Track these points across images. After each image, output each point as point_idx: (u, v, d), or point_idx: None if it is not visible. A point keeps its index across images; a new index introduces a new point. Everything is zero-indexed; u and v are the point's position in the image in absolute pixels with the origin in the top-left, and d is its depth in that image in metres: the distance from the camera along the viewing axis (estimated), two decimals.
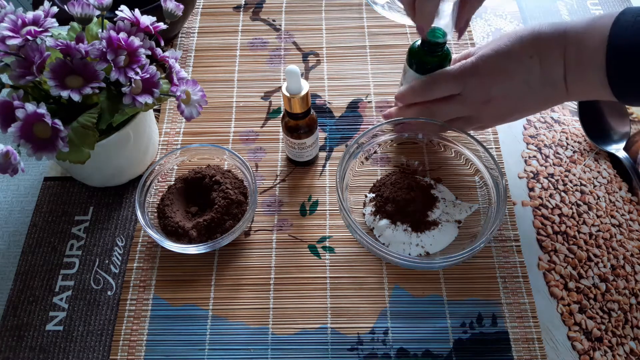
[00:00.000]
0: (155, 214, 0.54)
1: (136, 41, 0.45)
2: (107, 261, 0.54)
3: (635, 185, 0.57)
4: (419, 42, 0.53)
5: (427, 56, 0.53)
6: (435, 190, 0.54)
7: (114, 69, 0.44)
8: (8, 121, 0.42)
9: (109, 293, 0.52)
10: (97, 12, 0.47)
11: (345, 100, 0.65)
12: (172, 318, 0.50)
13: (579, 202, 0.57)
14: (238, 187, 0.54)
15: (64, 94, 0.42)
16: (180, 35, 0.72)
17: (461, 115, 0.54)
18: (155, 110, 0.65)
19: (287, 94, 0.50)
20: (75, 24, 0.50)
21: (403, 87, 0.55)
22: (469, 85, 0.51)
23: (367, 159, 0.58)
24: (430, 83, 0.52)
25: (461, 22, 0.52)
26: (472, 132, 0.58)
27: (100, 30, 0.49)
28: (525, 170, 0.59)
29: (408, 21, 0.71)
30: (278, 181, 0.59)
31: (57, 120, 0.42)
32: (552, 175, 0.59)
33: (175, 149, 0.56)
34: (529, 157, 0.60)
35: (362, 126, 0.63)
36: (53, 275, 0.53)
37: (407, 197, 0.52)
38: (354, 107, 0.65)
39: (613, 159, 0.59)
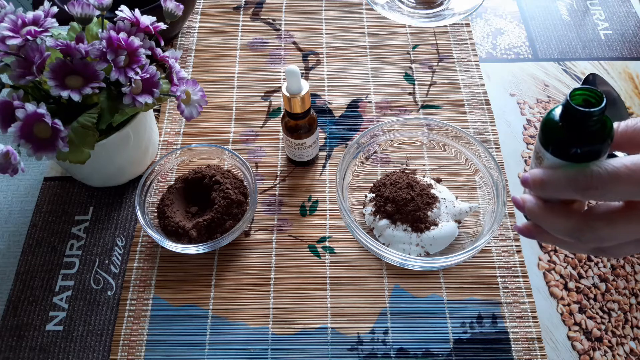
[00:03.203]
0: (155, 214, 0.54)
1: (136, 41, 0.45)
2: (107, 261, 0.54)
3: None
4: (557, 111, 0.34)
5: (576, 133, 0.33)
6: (435, 190, 0.54)
7: (114, 69, 0.44)
8: (8, 121, 0.42)
9: (109, 293, 0.52)
10: (97, 12, 0.47)
11: (345, 100, 0.65)
12: (172, 318, 0.50)
13: None
14: (238, 187, 0.54)
15: (64, 94, 0.42)
16: (180, 35, 0.72)
17: None
18: (155, 110, 0.65)
19: (287, 94, 0.50)
20: (75, 24, 0.50)
21: (542, 171, 0.34)
22: None
23: (367, 159, 0.58)
24: (602, 180, 0.32)
25: None
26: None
27: (100, 30, 0.49)
28: (525, 170, 0.59)
29: (408, 21, 0.71)
30: (278, 181, 0.59)
31: (57, 120, 0.42)
32: None
33: (175, 149, 0.56)
34: (529, 157, 0.60)
35: (362, 126, 0.63)
36: (53, 275, 0.53)
37: (407, 197, 0.52)
38: (354, 107, 0.65)
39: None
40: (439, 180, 0.57)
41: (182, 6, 0.50)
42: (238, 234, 0.52)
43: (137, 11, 0.47)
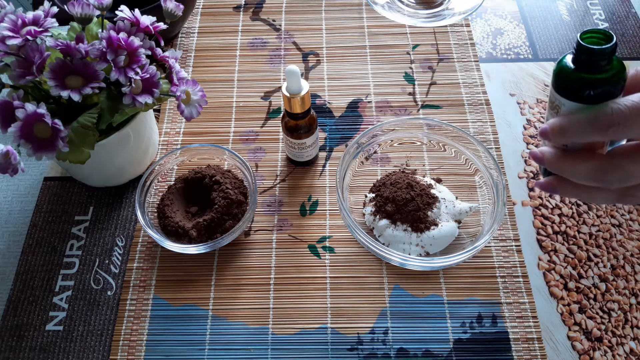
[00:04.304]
0: (155, 214, 0.54)
1: (136, 41, 0.45)
2: (107, 261, 0.54)
3: None
4: (568, 57, 0.35)
5: (590, 73, 0.33)
6: (435, 190, 0.54)
7: (114, 69, 0.44)
8: (8, 121, 0.42)
9: (109, 293, 0.52)
10: (97, 12, 0.47)
11: (345, 100, 0.65)
12: (172, 318, 0.50)
13: (579, 202, 0.57)
14: (238, 187, 0.54)
15: (64, 94, 0.42)
16: (180, 35, 0.72)
17: None
18: (155, 110, 0.65)
19: (287, 94, 0.50)
20: (75, 24, 0.50)
21: (561, 117, 0.35)
22: None
23: (367, 159, 0.58)
24: (624, 115, 0.31)
25: None
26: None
27: (100, 30, 0.49)
28: (525, 170, 0.59)
29: (408, 21, 0.71)
30: (278, 181, 0.59)
31: (57, 120, 0.42)
32: None
33: (175, 149, 0.56)
34: (529, 157, 0.60)
35: (362, 126, 0.63)
36: (53, 275, 0.53)
37: (407, 197, 0.52)
38: (354, 107, 0.65)
39: None
40: (439, 180, 0.57)
41: (182, 6, 0.50)
42: (238, 234, 0.52)
43: (137, 11, 0.47)
